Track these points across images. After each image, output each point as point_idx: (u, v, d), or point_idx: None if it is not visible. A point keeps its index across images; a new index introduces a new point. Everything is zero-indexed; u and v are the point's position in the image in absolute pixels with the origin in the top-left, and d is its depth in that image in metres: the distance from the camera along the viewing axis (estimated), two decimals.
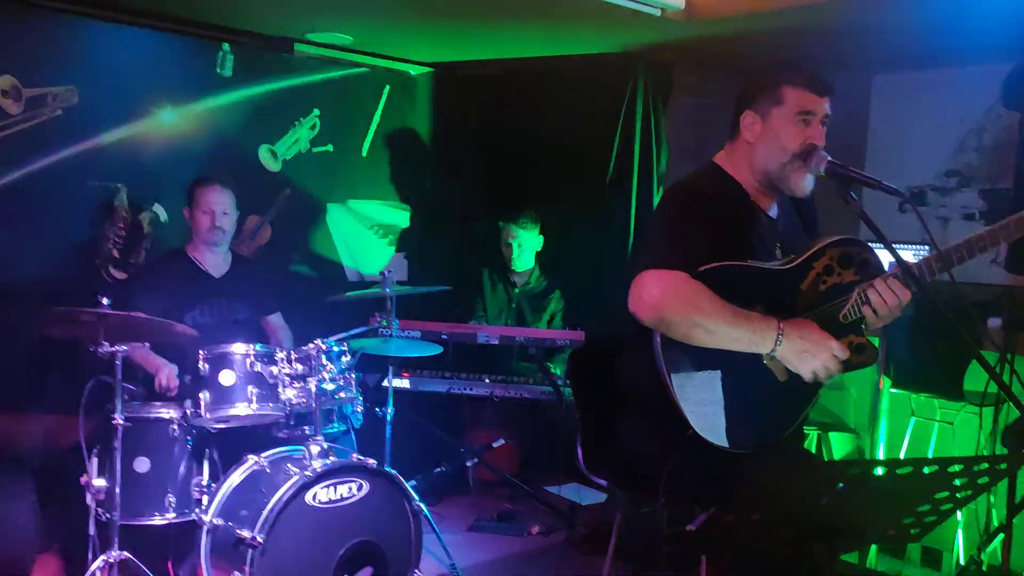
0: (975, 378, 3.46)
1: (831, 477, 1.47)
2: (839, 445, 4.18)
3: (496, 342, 4.23)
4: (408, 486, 2.95)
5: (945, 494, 1.58)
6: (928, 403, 3.78)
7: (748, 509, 1.55)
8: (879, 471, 1.46)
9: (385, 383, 3.70)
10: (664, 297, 2.01)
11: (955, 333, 2.11)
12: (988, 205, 4.02)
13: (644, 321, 2.04)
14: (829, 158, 2.10)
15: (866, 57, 4.23)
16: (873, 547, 3.71)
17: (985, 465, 1.52)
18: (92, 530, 2.81)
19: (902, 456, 3.81)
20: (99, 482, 2.80)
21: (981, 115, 4.05)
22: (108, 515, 2.78)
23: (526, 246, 4.55)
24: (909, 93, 4.30)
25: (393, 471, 2.95)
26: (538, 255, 4.63)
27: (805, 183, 2.14)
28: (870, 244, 2.19)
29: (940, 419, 3.76)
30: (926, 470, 1.50)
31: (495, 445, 4.29)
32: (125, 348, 2.70)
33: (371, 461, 2.88)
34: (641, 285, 2.05)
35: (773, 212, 2.26)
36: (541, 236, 4.60)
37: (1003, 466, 1.54)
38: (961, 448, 3.62)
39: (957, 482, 1.56)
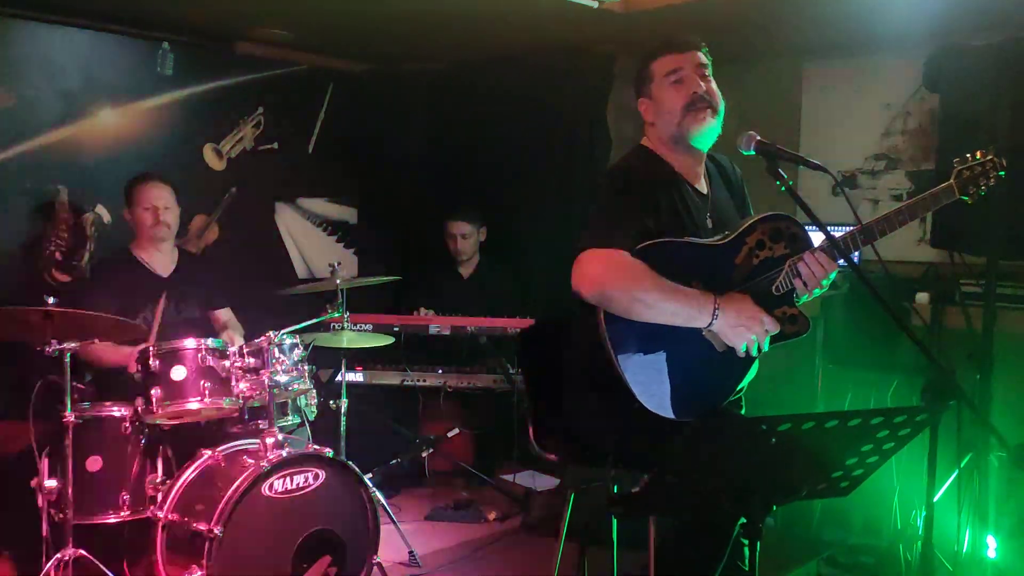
0: (908, 350, 3.62)
1: (764, 433, 1.56)
2: None
3: (447, 332, 4.28)
4: (363, 474, 2.99)
5: (870, 446, 1.69)
6: (865, 377, 3.93)
7: (688, 467, 1.63)
8: (807, 426, 1.55)
9: (339, 377, 3.73)
10: (604, 274, 2.09)
11: (884, 309, 2.24)
12: (914, 186, 4.19)
13: (586, 298, 2.13)
14: (758, 137, 2.20)
15: (797, 47, 4.38)
16: (816, 516, 3.86)
17: (904, 416, 1.63)
18: (45, 531, 2.79)
19: None
20: (51, 483, 2.78)
21: (905, 100, 4.23)
22: (61, 515, 2.76)
23: (470, 239, 4.62)
24: (838, 80, 4.46)
25: (348, 462, 2.99)
26: (483, 246, 4.71)
27: (704, 127, 2.23)
28: (798, 220, 2.30)
29: (876, 392, 3.92)
30: (851, 423, 1.60)
31: (450, 435, 4.34)
32: (74, 345, 2.69)
33: (326, 450, 2.91)
34: (582, 263, 2.13)
35: (702, 187, 2.36)
36: (484, 227, 4.67)
37: (921, 417, 1.65)
38: None
39: (880, 435, 1.67)
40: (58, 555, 2.68)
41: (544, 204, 4.78)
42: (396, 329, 4.19)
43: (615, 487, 2.31)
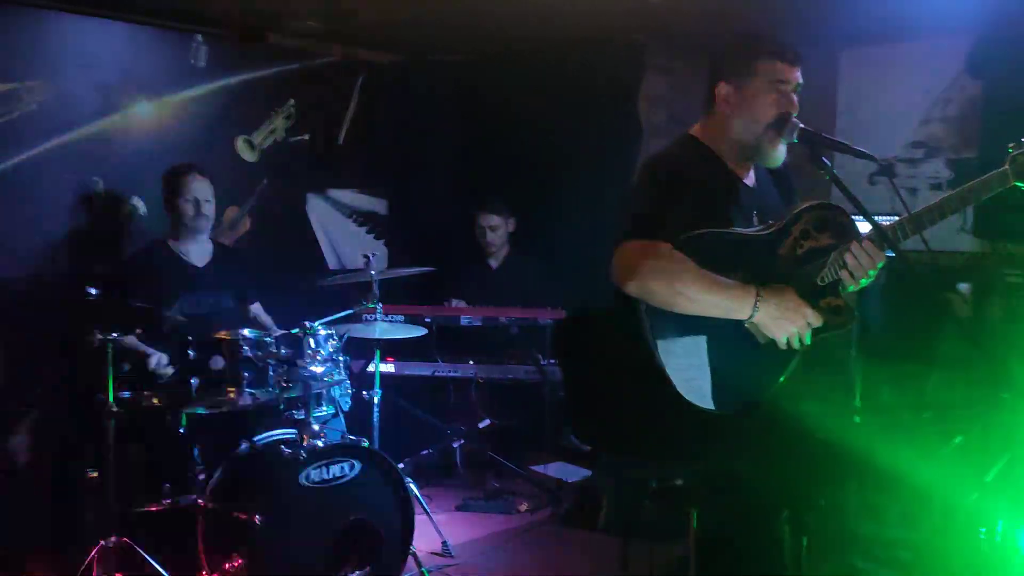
0: (948, 343, 3.56)
1: (811, 428, 1.54)
2: None
3: (479, 323, 4.27)
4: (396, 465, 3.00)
5: (921, 440, 1.66)
6: (903, 370, 3.86)
7: (732, 460, 1.61)
8: (855, 421, 1.53)
9: (371, 367, 3.74)
10: (645, 267, 2.06)
11: (926, 300, 2.21)
12: (954, 174, 4.12)
13: (627, 290, 2.10)
14: (801, 124, 2.16)
15: (833, 32, 4.31)
16: (851, 508, 3.81)
17: (956, 411, 1.60)
18: (88, 519, 2.83)
19: None
20: (93, 472, 2.82)
21: (946, 86, 4.15)
22: (104, 503, 2.79)
23: (499, 230, 4.61)
24: (875, 67, 4.39)
25: (383, 452, 3.00)
26: (512, 237, 4.69)
27: (778, 153, 2.22)
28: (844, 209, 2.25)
29: (914, 386, 3.84)
30: (901, 418, 1.57)
31: (481, 426, 4.35)
32: (116, 336, 2.71)
33: (362, 441, 2.92)
34: (623, 256, 2.10)
35: (749, 180, 2.32)
36: (513, 218, 4.65)
37: (971, 412, 1.63)
38: None
39: (931, 430, 1.64)
40: (102, 543, 2.71)
41: (574, 195, 4.75)
42: (428, 320, 4.19)
43: (654, 480, 2.30)
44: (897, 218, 2.15)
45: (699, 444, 2.07)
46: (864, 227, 2.16)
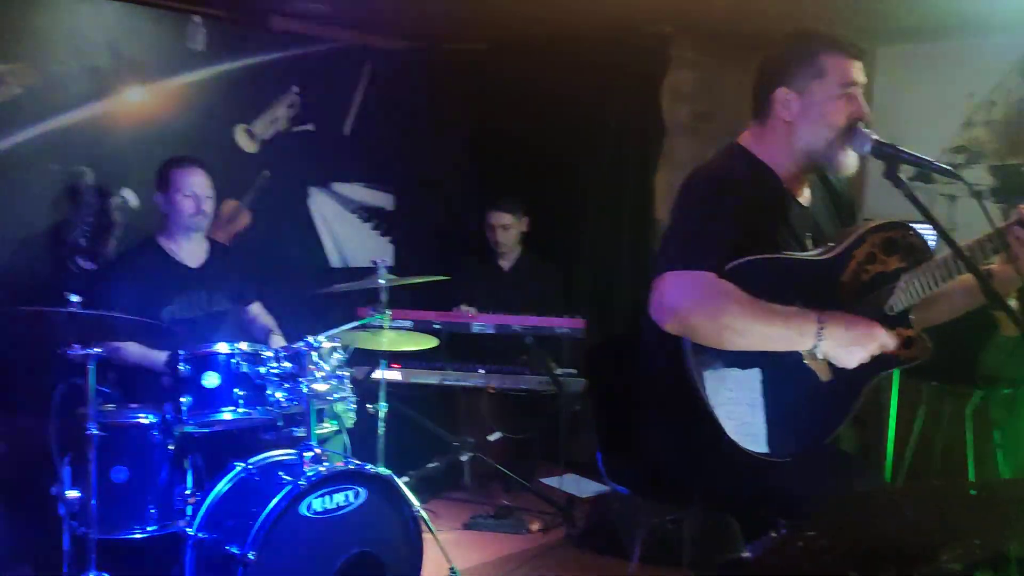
0: (992, 363, 3.36)
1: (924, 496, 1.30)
2: (844, 437, 4.06)
3: (491, 331, 4.05)
4: (407, 490, 2.77)
5: None
6: (942, 389, 3.67)
7: (816, 533, 1.38)
8: (973, 492, 1.30)
9: (375, 375, 3.50)
10: (687, 303, 1.82)
11: (971, 317, 2.00)
12: (998, 182, 3.90)
13: (668, 329, 1.85)
14: (874, 136, 1.92)
15: (869, 28, 4.08)
16: None
17: None
18: (66, 545, 2.60)
19: (911, 447, 3.72)
20: (72, 493, 2.59)
21: (991, 88, 3.92)
22: (83, 529, 2.58)
23: (512, 230, 4.40)
24: (914, 66, 4.16)
25: (389, 472, 2.77)
26: (525, 237, 4.47)
27: (850, 160, 1.97)
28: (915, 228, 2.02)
29: (953, 406, 3.65)
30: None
31: (491, 438, 4.13)
32: (98, 351, 2.48)
33: (368, 466, 2.69)
34: (662, 290, 1.85)
35: (804, 199, 2.08)
36: (527, 218, 4.43)
37: None
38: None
39: None
40: None
41: (591, 195, 4.53)
42: (437, 327, 3.96)
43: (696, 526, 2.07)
44: (940, 238, 1.90)
45: (749, 495, 1.85)
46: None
